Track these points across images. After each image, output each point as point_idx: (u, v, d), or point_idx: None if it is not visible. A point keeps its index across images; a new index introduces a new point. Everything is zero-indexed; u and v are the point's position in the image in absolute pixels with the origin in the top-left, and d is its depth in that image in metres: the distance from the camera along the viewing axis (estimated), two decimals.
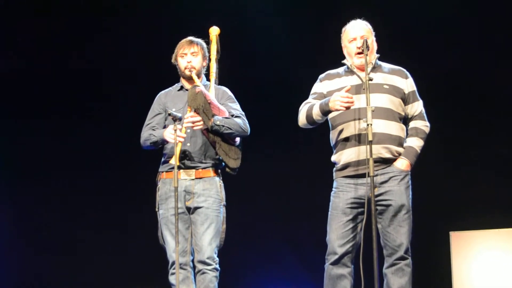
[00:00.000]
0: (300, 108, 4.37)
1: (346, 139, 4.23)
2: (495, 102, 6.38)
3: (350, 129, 4.22)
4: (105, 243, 6.97)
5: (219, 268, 4.46)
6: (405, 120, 4.35)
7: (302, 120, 4.35)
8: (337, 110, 4.14)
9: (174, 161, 4.35)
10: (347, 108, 4.11)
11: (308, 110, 4.29)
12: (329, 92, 4.31)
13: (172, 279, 4.47)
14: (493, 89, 6.37)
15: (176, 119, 4.32)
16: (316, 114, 4.24)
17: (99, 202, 7.05)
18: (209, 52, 4.67)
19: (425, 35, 6.52)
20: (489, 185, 6.24)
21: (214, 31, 4.73)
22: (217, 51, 4.69)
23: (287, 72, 6.72)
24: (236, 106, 4.63)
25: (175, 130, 4.30)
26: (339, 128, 4.27)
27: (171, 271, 4.47)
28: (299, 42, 6.74)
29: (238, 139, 4.55)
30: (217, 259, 4.46)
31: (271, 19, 6.83)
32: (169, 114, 4.32)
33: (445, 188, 6.33)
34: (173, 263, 4.43)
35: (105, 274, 6.86)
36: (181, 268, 4.41)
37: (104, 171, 7.06)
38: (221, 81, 4.75)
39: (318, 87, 4.40)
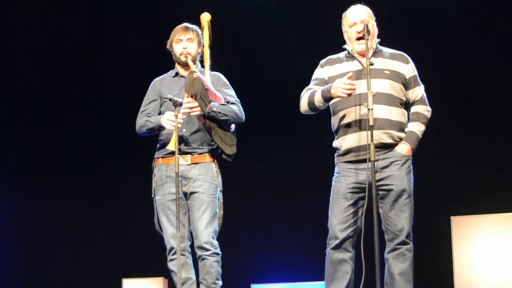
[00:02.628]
0: (301, 95, 4.36)
1: (347, 125, 4.23)
2: (498, 89, 6.37)
3: (351, 114, 4.21)
4: (105, 237, 7.00)
5: (219, 252, 4.45)
6: (407, 105, 4.35)
7: (304, 106, 4.34)
8: (339, 97, 4.14)
9: (170, 146, 4.35)
10: (349, 95, 4.10)
11: (309, 96, 4.28)
12: (330, 77, 4.30)
13: (171, 265, 4.47)
14: (495, 77, 6.37)
15: (177, 105, 4.31)
16: (318, 100, 4.23)
17: (99, 197, 7.09)
18: (202, 39, 4.65)
19: (426, 19, 6.51)
20: (490, 169, 6.24)
21: (206, 17, 4.72)
22: (210, 37, 4.68)
23: (286, 57, 6.72)
24: (231, 92, 4.63)
25: (176, 116, 4.29)
26: (340, 113, 4.27)
27: (169, 257, 4.47)
28: (298, 28, 6.72)
29: (233, 126, 4.55)
30: (216, 243, 4.45)
31: (269, 7, 6.83)
32: (170, 99, 4.31)
33: (446, 173, 6.33)
34: (171, 249, 4.44)
35: (106, 270, 6.89)
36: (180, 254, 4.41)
37: (101, 165, 7.09)
38: (221, 72, 4.74)
39: (319, 72, 4.39)
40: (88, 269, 6.96)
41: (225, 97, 4.53)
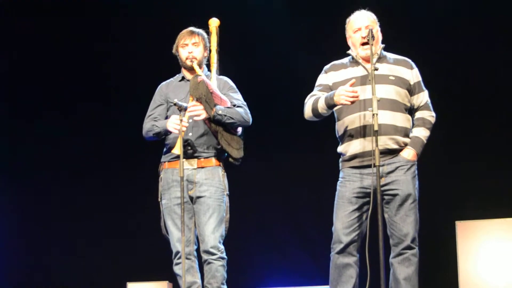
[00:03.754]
0: (305, 101, 4.37)
1: (352, 131, 4.23)
2: (502, 92, 6.37)
3: (356, 120, 4.22)
4: (109, 241, 7.00)
5: (225, 257, 4.45)
6: (411, 110, 4.35)
7: (308, 113, 4.35)
8: (342, 104, 4.14)
9: (176, 151, 4.35)
10: (352, 102, 4.11)
11: (313, 103, 4.28)
12: (335, 83, 4.30)
13: (176, 269, 4.47)
14: (499, 80, 6.36)
15: (182, 109, 4.31)
16: (322, 107, 4.24)
17: (103, 198, 7.10)
18: (209, 43, 4.66)
19: (430, 25, 6.51)
20: (495, 174, 6.23)
21: (214, 22, 4.71)
22: (217, 43, 4.68)
23: (289, 59, 6.73)
24: (238, 96, 4.62)
25: (181, 120, 4.30)
26: (345, 119, 4.27)
27: (175, 261, 4.48)
28: (302, 30, 6.73)
29: (240, 129, 4.54)
30: (222, 247, 4.45)
31: (273, 11, 6.84)
32: (175, 104, 4.32)
33: (451, 178, 6.32)
34: (177, 253, 4.45)
35: (111, 274, 6.89)
36: (185, 258, 4.41)
37: (106, 168, 7.10)
38: (224, 74, 4.75)
39: (323, 78, 4.39)
40: (92, 273, 6.97)
41: (231, 101, 4.53)
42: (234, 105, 4.51)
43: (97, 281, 6.93)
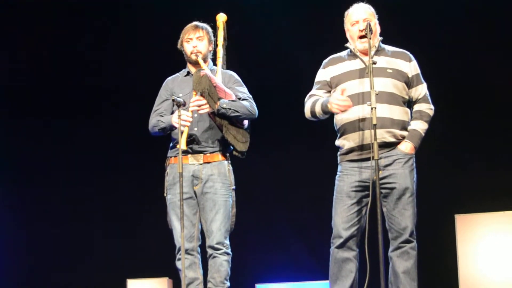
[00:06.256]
0: (305, 100, 4.37)
1: (350, 124, 4.23)
2: (501, 86, 6.37)
3: (354, 113, 4.21)
4: (109, 237, 7.01)
5: (230, 253, 4.45)
6: (409, 103, 4.35)
7: (307, 113, 4.36)
8: (334, 112, 4.15)
9: (177, 146, 4.35)
10: (344, 111, 4.11)
11: (311, 106, 4.30)
12: (333, 77, 4.30)
13: (178, 264, 4.46)
14: (498, 75, 6.36)
15: (180, 105, 4.31)
16: (318, 112, 4.26)
17: (109, 192, 7.10)
18: (216, 38, 4.65)
19: (427, 17, 6.51)
20: (494, 167, 6.24)
21: (221, 17, 4.71)
22: (224, 38, 4.67)
23: (289, 55, 6.73)
24: (244, 89, 4.60)
25: (179, 116, 4.30)
26: (343, 112, 4.26)
27: (178, 256, 4.47)
28: (302, 26, 6.73)
29: (246, 122, 4.52)
30: (228, 243, 4.45)
31: (274, 9, 6.84)
32: (173, 100, 4.32)
33: (450, 171, 6.33)
34: (180, 248, 4.44)
35: (111, 270, 6.89)
36: (188, 253, 4.42)
37: (106, 166, 7.10)
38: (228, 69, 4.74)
39: (321, 75, 4.39)
40: (92, 270, 6.97)
41: (236, 94, 4.51)
42: (239, 98, 4.50)
43: (97, 278, 6.93)
